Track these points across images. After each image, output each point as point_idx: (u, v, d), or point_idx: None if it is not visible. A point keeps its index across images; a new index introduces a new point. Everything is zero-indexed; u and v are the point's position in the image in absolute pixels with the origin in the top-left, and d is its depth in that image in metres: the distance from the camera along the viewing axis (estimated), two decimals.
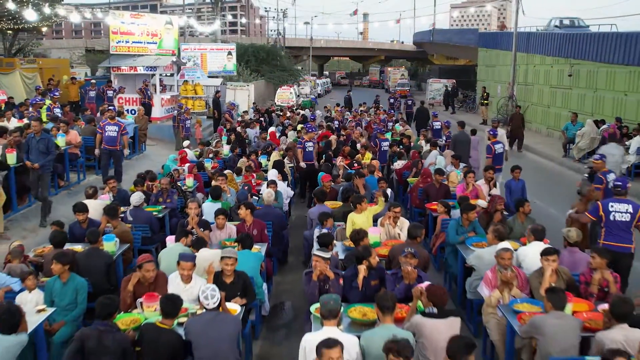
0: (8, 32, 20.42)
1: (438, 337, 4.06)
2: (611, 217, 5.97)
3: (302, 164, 11.48)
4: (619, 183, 6.11)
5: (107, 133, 10.85)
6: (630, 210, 5.92)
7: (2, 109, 13.96)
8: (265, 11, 59.68)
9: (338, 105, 23.79)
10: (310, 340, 3.91)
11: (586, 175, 9.55)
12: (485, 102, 26.23)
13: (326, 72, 79.58)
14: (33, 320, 4.72)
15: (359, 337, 4.14)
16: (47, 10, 15.98)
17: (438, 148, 11.92)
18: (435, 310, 4.25)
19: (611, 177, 7.17)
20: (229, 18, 59.00)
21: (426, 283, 4.70)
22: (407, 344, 3.48)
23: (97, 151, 11.04)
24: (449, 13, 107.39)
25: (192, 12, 35.79)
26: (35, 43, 26.69)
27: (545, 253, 5.11)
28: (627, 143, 12.95)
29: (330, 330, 3.97)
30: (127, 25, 18.87)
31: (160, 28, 19.93)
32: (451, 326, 4.16)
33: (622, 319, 4.12)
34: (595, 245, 5.79)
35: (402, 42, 78.26)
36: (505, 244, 5.34)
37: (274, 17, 56.05)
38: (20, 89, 17.38)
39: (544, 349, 4.23)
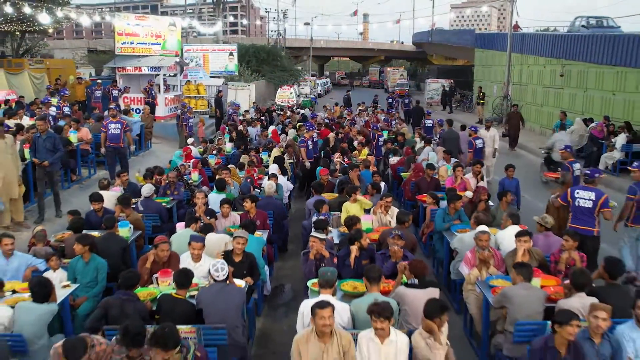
0: (16, 33, 21.02)
1: (418, 304, 4.61)
2: (576, 203, 6.60)
3: (307, 163, 11.97)
4: (588, 172, 6.74)
5: (110, 131, 11.36)
6: (593, 197, 6.55)
7: (14, 108, 14.55)
8: (266, 12, 60.20)
9: (337, 104, 24.36)
10: (307, 305, 4.48)
11: (542, 160, 10.15)
12: (482, 101, 26.83)
13: (326, 72, 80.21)
14: (59, 294, 5.28)
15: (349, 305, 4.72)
16: (59, 13, 16.55)
17: (431, 144, 12.52)
18: (416, 281, 4.83)
19: (576, 166, 7.77)
20: (230, 19, 59.44)
21: None
22: (387, 305, 4.05)
23: (102, 150, 11.53)
24: (449, 14, 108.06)
25: (193, 12, 36.37)
26: (42, 44, 27.34)
27: (518, 235, 5.72)
28: (612, 140, 13.53)
29: (325, 297, 4.54)
30: (132, 27, 19.46)
31: (164, 29, 20.50)
32: (430, 295, 4.71)
33: (580, 288, 4.69)
34: (567, 229, 6.37)
35: (402, 43, 78.90)
36: (483, 227, 5.91)
37: (274, 18, 56.61)
38: (29, 88, 17.99)
39: (512, 315, 4.80)
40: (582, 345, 4.07)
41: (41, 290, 4.83)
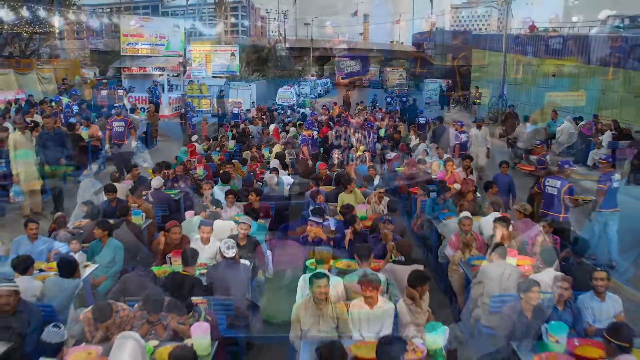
0: (24, 35, 21.62)
1: (405, 278, 5.19)
2: (546, 190, 7.25)
3: (310, 162, 12.49)
4: (560, 163, 7.35)
5: (114, 129, 11.80)
6: (558, 186, 7.19)
7: (24, 106, 15.12)
8: (267, 12, 60.76)
9: (336, 104, 24.89)
10: (305, 279, 5.05)
11: (510, 148, 10.91)
12: (478, 101, 27.35)
13: (326, 73, 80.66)
14: (81, 273, 5.86)
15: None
16: (71, 16, 17.17)
17: (425, 141, 13.14)
18: (403, 258, 5.40)
19: (547, 157, 8.39)
20: (232, 20, 60.16)
21: None
22: (375, 277, 4.61)
23: (107, 147, 12.00)
24: (450, 14, 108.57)
25: (195, 13, 36.91)
26: (51, 44, 27.92)
27: (495, 220, 6.28)
28: (600, 138, 14.09)
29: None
30: (137, 28, 20.05)
31: (168, 31, 21.08)
32: None
33: (549, 264, 5.26)
34: (545, 217, 6.96)
35: (402, 43, 79.39)
36: (466, 213, 6.48)
37: (275, 19, 57.18)
38: (37, 88, 18.59)
39: (489, 289, 5.36)
40: (546, 311, 4.64)
41: (68, 267, 5.40)
